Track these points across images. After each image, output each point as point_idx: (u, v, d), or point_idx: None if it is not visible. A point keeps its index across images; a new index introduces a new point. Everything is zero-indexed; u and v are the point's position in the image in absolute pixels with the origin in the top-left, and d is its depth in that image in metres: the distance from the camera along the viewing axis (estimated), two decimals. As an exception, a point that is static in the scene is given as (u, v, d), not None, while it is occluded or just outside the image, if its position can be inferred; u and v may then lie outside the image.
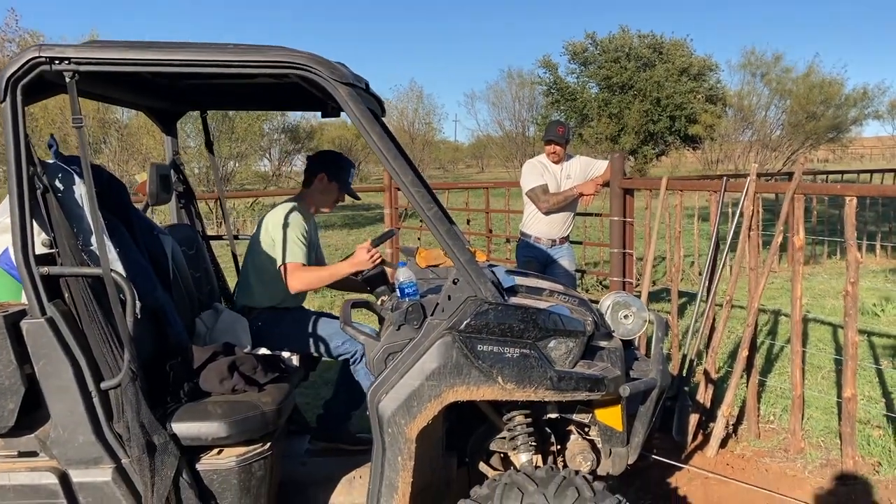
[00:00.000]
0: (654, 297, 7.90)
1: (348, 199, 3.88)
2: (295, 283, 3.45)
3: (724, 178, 4.46)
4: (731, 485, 3.85)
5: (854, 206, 3.97)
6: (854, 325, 3.97)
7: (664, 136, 25.33)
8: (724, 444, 4.33)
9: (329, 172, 3.66)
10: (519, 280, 3.02)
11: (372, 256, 3.36)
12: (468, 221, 9.63)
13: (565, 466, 2.96)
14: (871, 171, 12.40)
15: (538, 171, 5.54)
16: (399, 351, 2.54)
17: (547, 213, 5.48)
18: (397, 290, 2.68)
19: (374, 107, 3.13)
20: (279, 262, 3.47)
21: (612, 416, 2.84)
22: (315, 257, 3.75)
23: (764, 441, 4.41)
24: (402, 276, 2.67)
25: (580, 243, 6.89)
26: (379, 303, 3.31)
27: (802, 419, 4.50)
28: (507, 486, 2.48)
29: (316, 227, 3.86)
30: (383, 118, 3.60)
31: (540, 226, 5.59)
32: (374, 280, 3.39)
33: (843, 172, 12.79)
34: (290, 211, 3.56)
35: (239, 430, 2.61)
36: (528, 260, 5.59)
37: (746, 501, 3.73)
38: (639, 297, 5.19)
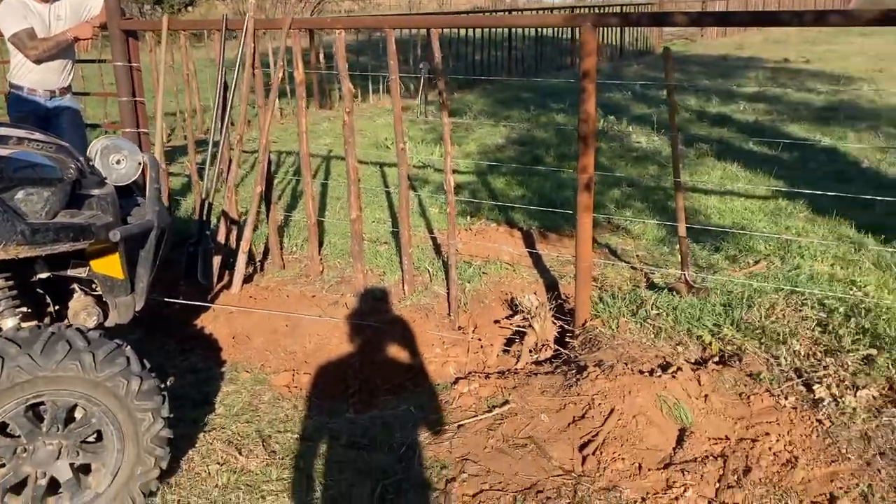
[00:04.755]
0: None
1: None
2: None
3: (224, 16, 4.39)
4: (254, 314, 4.07)
5: (343, 38, 4.22)
6: (353, 151, 4.33)
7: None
8: (249, 279, 4.52)
9: None
10: None
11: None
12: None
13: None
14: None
15: (20, 12, 4.81)
16: None
17: (37, 61, 4.85)
18: None
19: None
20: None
21: (110, 266, 2.72)
22: None
23: (288, 271, 4.70)
24: None
25: (87, 94, 6.31)
26: None
27: (321, 246, 4.88)
28: (-22, 356, 2.24)
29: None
30: None
31: (33, 75, 4.94)
32: None
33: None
34: None
35: None
36: (23, 116, 4.94)
37: (268, 325, 3.99)
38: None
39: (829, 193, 4.87)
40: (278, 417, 3.30)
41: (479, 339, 4.09)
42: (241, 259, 4.39)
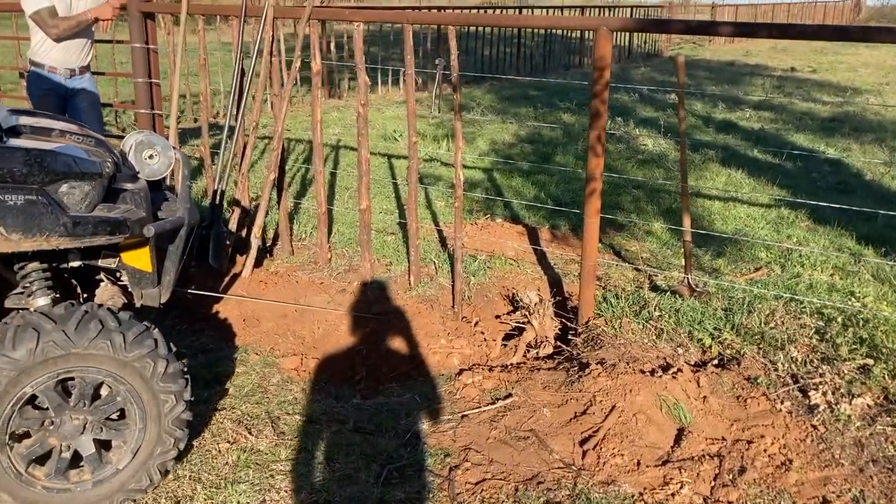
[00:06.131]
0: (197, 131, 7.77)
1: None
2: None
3: (243, 2, 4.44)
4: (263, 301, 4.15)
5: (362, 31, 4.29)
6: (366, 143, 4.40)
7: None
8: (259, 263, 4.60)
9: None
10: (24, 120, 2.73)
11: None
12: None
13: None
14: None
15: (42, -10, 4.88)
16: None
17: (58, 39, 4.92)
18: None
19: None
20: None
21: (139, 259, 2.79)
22: None
23: (297, 257, 4.79)
24: None
25: (102, 74, 6.37)
26: None
27: (330, 234, 4.96)
28: (19, 327, 2.32)
29: None
30: None
31: (55, 53, 5.01)
32: None
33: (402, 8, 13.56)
34: None
35: None
36: (44, 94, 5.02)
37: (278, 309, 4.07)
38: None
39: (832, 205, 4.96)
40: (287, 400, 3.39)
41: (483, 333, 4.18)
42: (254, 244, 4.47)
